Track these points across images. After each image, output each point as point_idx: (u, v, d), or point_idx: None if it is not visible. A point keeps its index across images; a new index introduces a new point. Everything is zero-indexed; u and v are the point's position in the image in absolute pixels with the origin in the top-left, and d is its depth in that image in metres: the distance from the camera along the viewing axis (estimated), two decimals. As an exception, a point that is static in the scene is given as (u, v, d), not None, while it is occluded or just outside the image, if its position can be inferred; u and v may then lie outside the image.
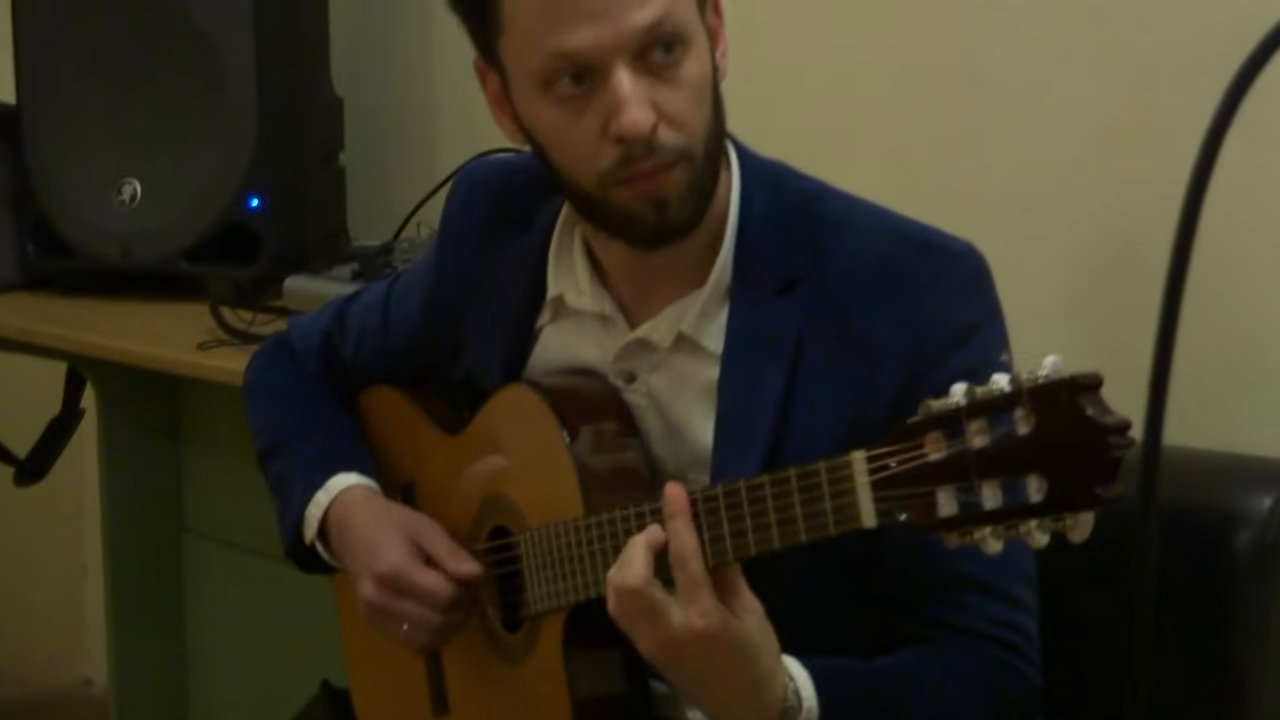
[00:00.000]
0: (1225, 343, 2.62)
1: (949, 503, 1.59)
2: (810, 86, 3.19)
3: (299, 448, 2.33)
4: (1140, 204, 2.46)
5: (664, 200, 1.96)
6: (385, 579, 2.14)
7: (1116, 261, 2.68)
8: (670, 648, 1.81)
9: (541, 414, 2.10)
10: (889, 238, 2.07)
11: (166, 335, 3.08)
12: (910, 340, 1.99)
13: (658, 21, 1.89)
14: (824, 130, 3.03)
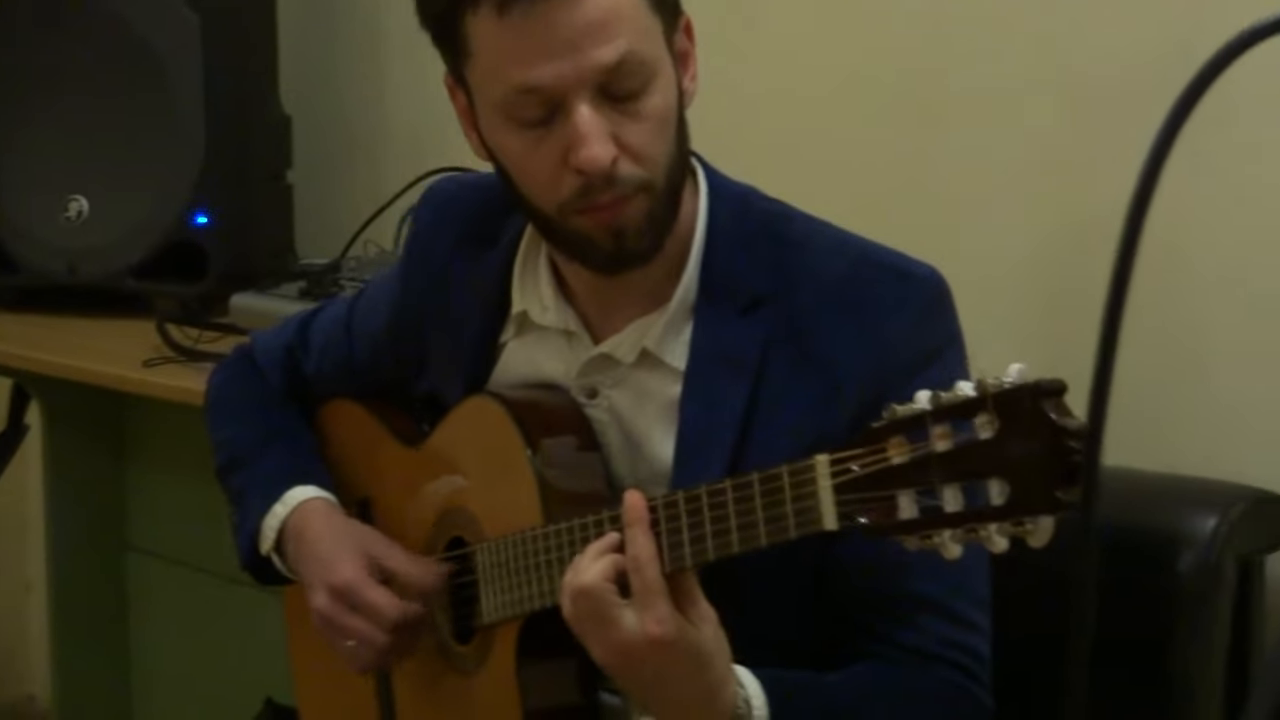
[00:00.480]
0: (1168, 366, 2.63)
1: (910, 506, 1.60)
2: (774, 109, 3.19)
3: (258, 461, 2.33)
4: (1084, 230, 2.49)
5: (622, 230, 1.97)
6: (338, 591, 2.13)
7: (1061, 286, 2.71)
8: (624, 653, 1.80)
9: (504, 425, 2.10)
10: (853, 261, 2.08)
11: (112, 352, 3.08)
12: (872, 363, 2.00)
13: (621, 60, 1.91)
14: (784, 150, 3.04)
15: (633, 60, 1.92)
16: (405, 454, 2.29)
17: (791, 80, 3.21)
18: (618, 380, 2.12)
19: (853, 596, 1.98)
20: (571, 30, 1.91)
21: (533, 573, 2.04)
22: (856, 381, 1.99)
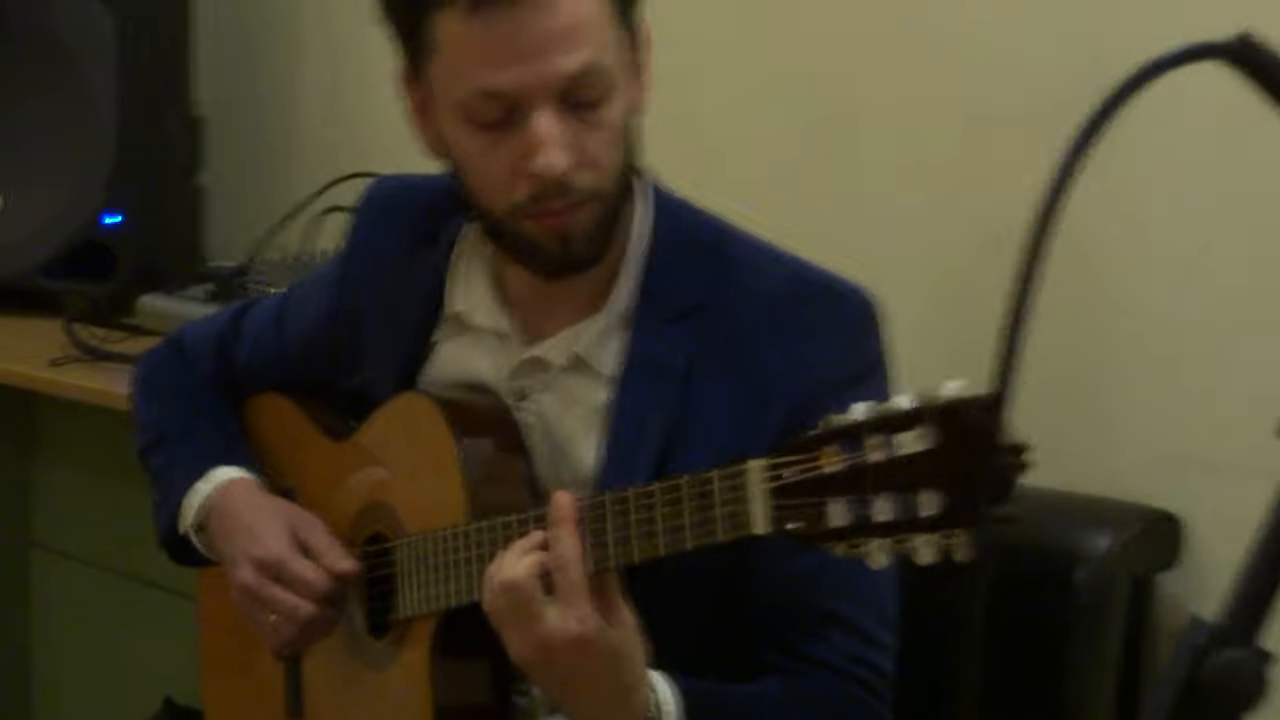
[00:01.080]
0: (1069, 384, 2.66)
1: (840, 514, 1.61)
2: (702, 121, 3.17)
3: (183, 442, 2.34)
4: (989, 248, 2.49)
5: (569, 236, 1.99)
6: (263, 564, 2.14)
7: (966, 301, 2.70)
8: (543, 649, 1.80)
9: (435, 423, 2.11)
10: (788, 278, 2.10)
11: (19, 350, 3.09)
12: (801, 379, 2.01)
13: (584, 69, 1.93)
14: (710, 164, 3.01)
15: (595, 70, 1.94)
16: (330, 447, 2.29)
17: (702, 92, 3.20)
18: (547, 384, 2.12)
19: (767, 612, 1.99)
20: (539, 37, 1.93)
21: (453, 569, 2.04)
22: (785, 396, 2.01)
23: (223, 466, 2.26)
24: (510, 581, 1.79)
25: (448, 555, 2.06)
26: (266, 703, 2.30)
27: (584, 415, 2.11)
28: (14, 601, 3.76)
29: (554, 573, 1.79)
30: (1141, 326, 2.66)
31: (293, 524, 2.19)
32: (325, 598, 2.13)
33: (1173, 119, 2.43)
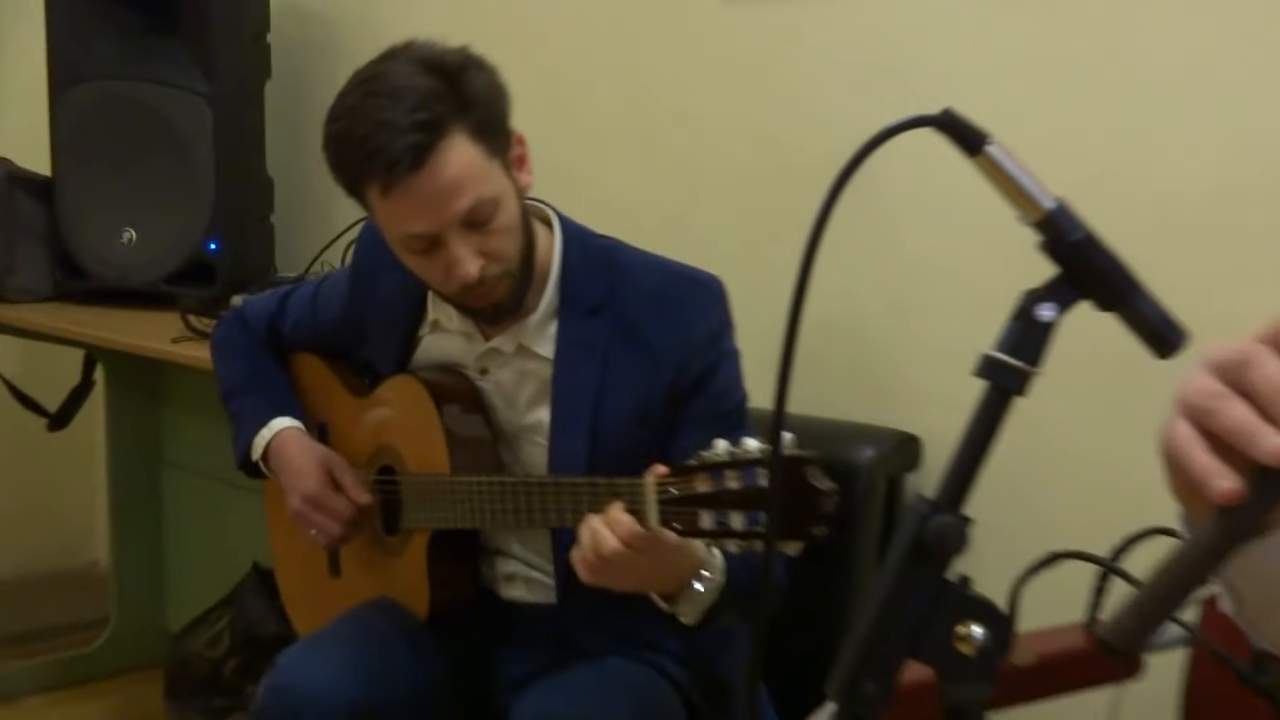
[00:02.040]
0: (847, 345, 2.69)
1: (708, 520, 1.77)
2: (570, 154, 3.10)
3: (251, 394, 2.41)
4: (786, 269, 2.43)
5: (495, 303, 2.09)
6: (308, 498, 2.27)
7: (764, 293, 2.26)
8: (637, 583, 1.91)
9: (422, 395, 2.20)
10: (661, 274, 2.17)
11: (152, 333, 3.16)
12: (680, 343, 2.10)
13: (472, 204, 1.98)
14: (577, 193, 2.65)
15: (480, 201, 1.99)
16: (351, 400, 2.36)
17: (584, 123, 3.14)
18: (502, 364, 2.21)
19: None
20: (433, 196, 1.95)
21: (444, 504, 2.16)
22: (669, 356, 2.10)
23: (279, 418, 2.35)
24: (612, 551, 1.81)
25: (439, 494, 2.16)
26: (315, 567, 2.44)
27: (532, 385, 2.20)
28: (151, 500, 3.91)
29: (629, 535, 1.81)
30: (901, 306, 2.67)
31: (328, 465, 2.29)
32: (350, 521, 2.28)
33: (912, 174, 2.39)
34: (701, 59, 2.91)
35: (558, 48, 3.19)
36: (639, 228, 2.35)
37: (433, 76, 1.97)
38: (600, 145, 3.14)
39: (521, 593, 2.28)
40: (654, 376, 2.11)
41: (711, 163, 2.94)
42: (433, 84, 1.96)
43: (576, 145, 3.18)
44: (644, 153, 3.06)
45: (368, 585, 2.33)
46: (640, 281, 2.16)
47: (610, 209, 2.48)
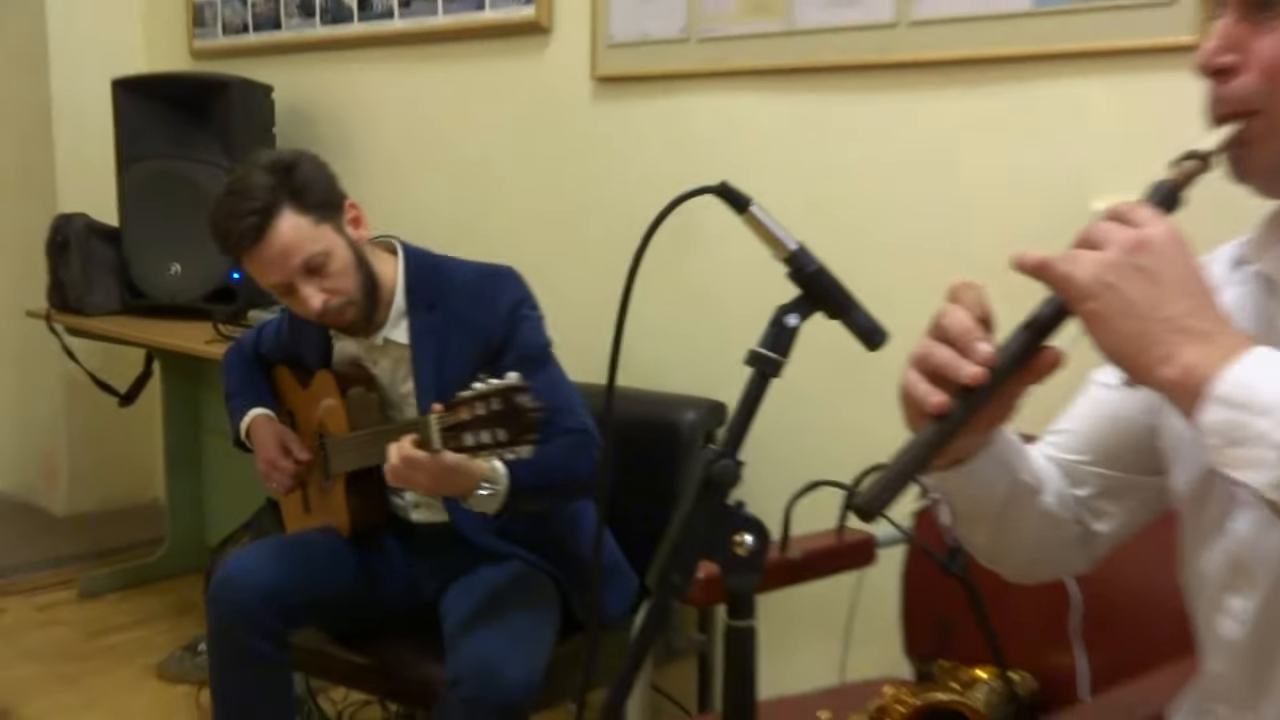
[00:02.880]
0: (674, 331, 2.60)
1: (470, 439, 1.75)
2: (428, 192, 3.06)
3: (239, 395, 2.35)
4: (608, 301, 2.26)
5: (348, 325, 2.08)
6: (266, 461, 2.24)
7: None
8: (436, 484, 1.88)
9: (331, 382, 2.17)
10: (472, 272, 2.12)
11: (193, 336, 3.09)
12: (489, 316, 2.06)
13: (304, 262, 1.97)
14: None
15: (310, 257, 1.97)
16: (303, 391, 2.28)
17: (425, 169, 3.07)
18: (381, 354, 2.16)
19: None
20: (272, 259, 1.96)
21: (350, 454, 2.13)
22: (485, 327, 2.05)
23: (254, 409, 2.29)
24: (393, 467, 1.84)
25: (345, 447, 2.14)
26: (298, 505, 2.35)
27: (404, 366, 2.13)
28: (193, 454, 3.78)
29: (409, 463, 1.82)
30: (710, 312, 2.58)
31: (281, 437, 2.24)
32: (294, 475, 2.23)
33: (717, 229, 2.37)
34: (578, 144, 2.86)
35: (476, 136, 3.10)
36: (527, 262, 2.27)
37: (270, 174, 1.98)
38: (503, 206, 3.06)
39: (425, 515, 2.23)
40: (477, 343, 2.06)
41: (582, 214, 2.88)
42: (268, 180, 1.96)
43: (488, 206, 3.10)
44: (535, 212, 2.98)
45: (321, 517, 2.27)
46: (459, 280, 2.12)
47: (506, 250, 2.39)
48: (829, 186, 2.42)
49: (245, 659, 2.02)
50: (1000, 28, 2.11)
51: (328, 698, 2.79)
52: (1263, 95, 0.95)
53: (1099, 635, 1.77)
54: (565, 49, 2.83)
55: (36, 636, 3.35)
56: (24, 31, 3.89)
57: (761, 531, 1.05)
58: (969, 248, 2.23)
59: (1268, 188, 1.02)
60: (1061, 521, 1.16)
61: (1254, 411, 0.83)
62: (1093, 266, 0.89)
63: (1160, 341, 0.87)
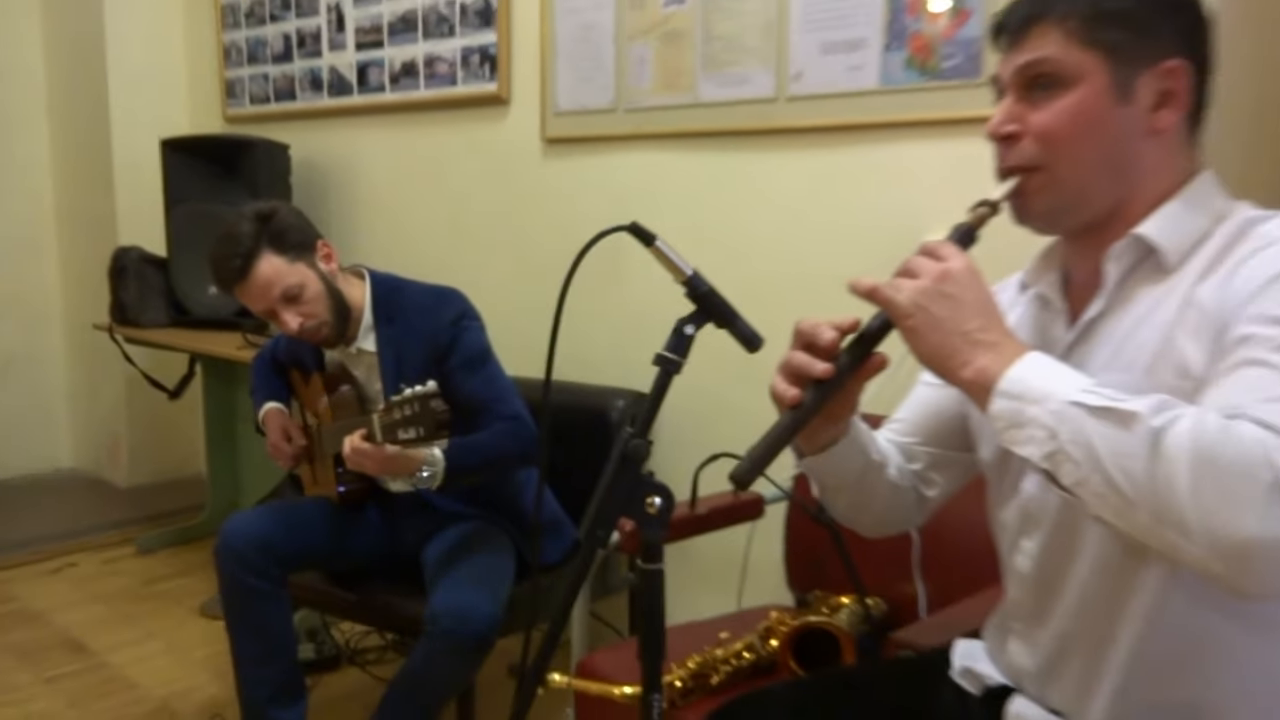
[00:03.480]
0: (605, 339, 2.57)
1: (405, 433, 1.72)
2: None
3: (259, 392, 2.26)
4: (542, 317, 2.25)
5: (322, 340, 2.03)
6: (272, 445, 2.16)
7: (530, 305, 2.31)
8: (382, 469, 1.85)
9: (319, 383, 2.11)
10: (423, 292, 2.06)
11: (226, 344, 3.01)
12: (436, 327, 1.99)
13: (282, 293, 1.93)
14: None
15: (287, 290, 1.93)
16: (305, 389, 2.21)
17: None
18: (357, 361, 2.09)
19: (471, 407, 1.93)
20: (256, 291, 1.93)
21: (332, 438, 2.02)
22: (433, 336, 1.99)
23: (268, 403, 2.21)
24: (346, 455, 1.83)
25: (330, 434, 2.06)
26: (309, 476, 2.26)
27: (373, 370, 2.07)
28: (229, 438, 3.64)
29: (360, 452, 1.80)
30: (635, 323, 2.52)
31: (284, 425, 2.17)
32: (292, 455, 2.14)
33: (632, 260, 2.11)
34: (531, 191, 2.83)
35: (450, 184, 3.06)
36: (489, 282, 2.29)
37: (253, 223, 1.94)
38: (472, 239, 3.00)
39: (403, 485, 2.15)
40: (427, 349, 2.00)
41: (533, 246, 2.83)
42: (251, 228, 1.93)
43: (460, 239, 3.06)
44: (496, 244, 2.94)
45: (322, 488, 2.21)
46: (413, 298, 2.06)
47: (473, 273, 2.43)
48: (725, 224, 2.43)
49: (244, 593, 1.98)
50: (855, 102, 2.14)
51: (338, 629, 2.74)
52: (1038, 156, 0.97)
53: (933, 568, 1.79)
54: (521, 117, 2.82)
55: (103, 584, 3.30)
56: (90, 101, 3.88)
57: (668, 494, 1.05)
58: (831, 270, 2.22)
59: (1043, 228, 1.04)
60: (902, 489, 1.18)
61: (1027, 401, 0.85)
62: (909, 292, 0.92)
63: (960, 350, 0.90)
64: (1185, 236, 0.95)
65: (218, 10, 3.75)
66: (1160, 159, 0.97)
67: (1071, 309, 1.04)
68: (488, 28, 2.83)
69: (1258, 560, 0.74)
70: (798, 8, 2.19)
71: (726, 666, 1.65)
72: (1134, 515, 0.79)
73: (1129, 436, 0.79)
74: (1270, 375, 0.80)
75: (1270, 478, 0.74)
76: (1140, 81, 0.95)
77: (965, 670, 1.16)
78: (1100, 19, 0.93)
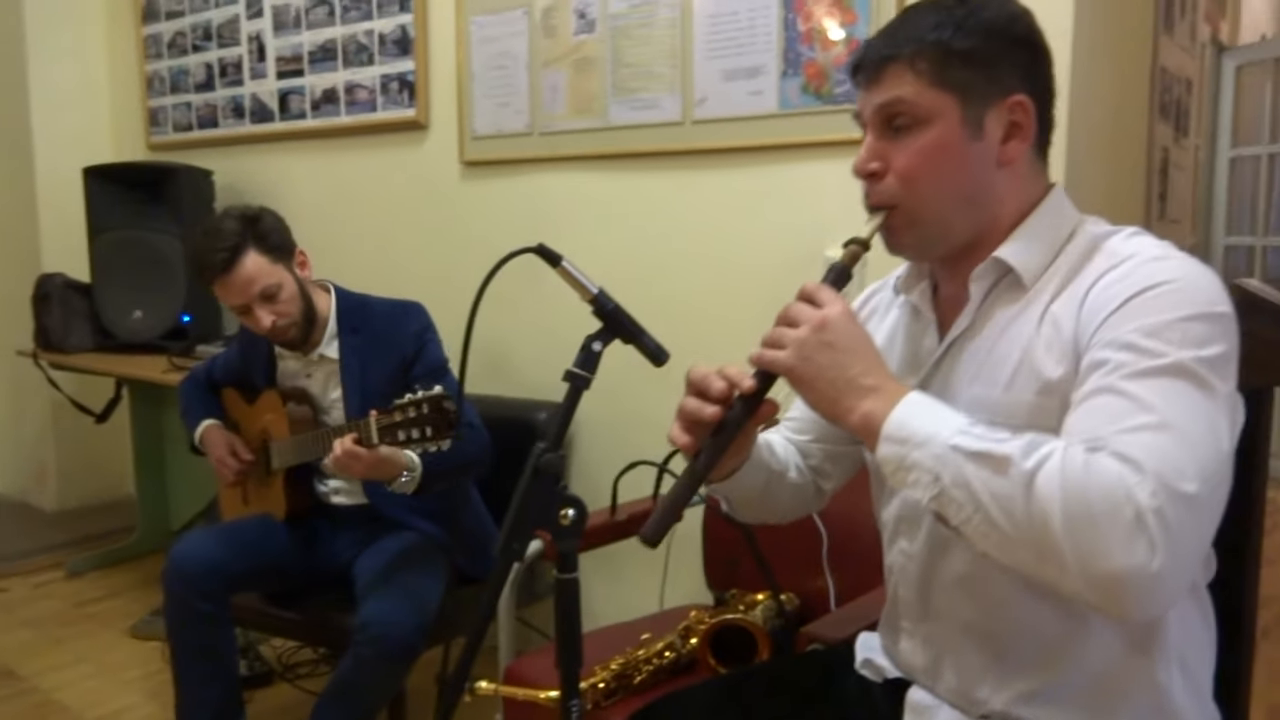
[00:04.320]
0: (532, 356, 2.56)
1: (404, 434, 1.68)
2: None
3: (195, 411, 2.23)
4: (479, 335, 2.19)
5: (289, 342, 2.03)
6: (217, 459, 2.14)
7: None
8: (364, 472, 1.80)
9: (277, 398, 2.09)
10: (390, 305, 2.07)
11: (152, 367, 2.94)
12: (401, 338, 2.01)
13: (261, 291, 1.93)
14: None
15: (266, 288, 1.94)
16: (247, 406, 2.18)
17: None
18: (317, 368, 2.08)
19: None
20: (237, 286, 1.93)
21: (291, 452, 2.04)
22: (399, 346, 2.00)
23: (205, 420, 2.20)
24: (335, 457, 1.77)
25: (287, 448, 2.05)
26: (235, 498, 2.24)
27: (333, 377, 2.06)
28: (158, 459, 3.54)
29: (349, 457, 1.75)
30: (556, 337, 2.52)
31: (228, 440, 2.15)
32: (238, 470, 2.12)
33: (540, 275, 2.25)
34: (450, 212, 2.80)
35: (372, 206, 3.02)
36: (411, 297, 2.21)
37: (238, 221, 1.94)
38: (393, 258, 2.96)
39: (344, 499, 2.15)
40: (393, 358, 2.01)
41: (452, 264, 2.80)
42: (237, 225, 1.93)
43: (382, 259, 3.02)
44: (417, 262, 2.90)
45: (259, 506, 2.18)
46: (379, 311, 2.07)
47: (395, 290, 2.25)
48: (636, 242, 2.43)
49: (193, 617, 1.93)
50: (757, 125, 2.16)
51: (269, 645, 2.67)
52: (900, 194, 0.98)
53: (841, 563, 1.80)
54: (440, 141, 2.80)
55: (33, 609, 3.17)
56: (13, 130, 3.76)
57: (580, 506, 1.04)
58: (737, 284, 2.25)
59: (914, 258, 1.07)
60: (802, 486, 1.20)
61: (911, 446, 0.86)
62: (792, 346, 0.92)
63: (845, 396, 0.91)
64: (1039, 255, 0.96)
65: (140, 41, 3.67)
66: (1013, 186, 0.98)
67: (941, 320, 1.06)
68: (406, 56, 2.82)
69: (1129, 590, 0.76)
70: (701, 37, 2.22)
71: (648, 666, 1.65)
72: (1016, 553, 0.81)
73: (1005, 481, 0.80)
74: (1125, 404, 0.81)
75: (1132, 513, 0.76)
76: (989, 117, 0.96)
77: (867, 661, 1.17)
78: (949, 60, 0.94)
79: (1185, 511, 0.76)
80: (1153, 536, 0.75)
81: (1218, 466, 0.80)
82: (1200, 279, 0.87)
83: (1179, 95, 2.87)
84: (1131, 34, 2.36)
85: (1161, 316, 0.84)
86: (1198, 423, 0.80)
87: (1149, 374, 0.82)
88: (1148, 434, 0.79)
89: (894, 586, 1.12)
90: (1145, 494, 0.76)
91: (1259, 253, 4.46)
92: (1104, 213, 1.02)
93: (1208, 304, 0.85)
